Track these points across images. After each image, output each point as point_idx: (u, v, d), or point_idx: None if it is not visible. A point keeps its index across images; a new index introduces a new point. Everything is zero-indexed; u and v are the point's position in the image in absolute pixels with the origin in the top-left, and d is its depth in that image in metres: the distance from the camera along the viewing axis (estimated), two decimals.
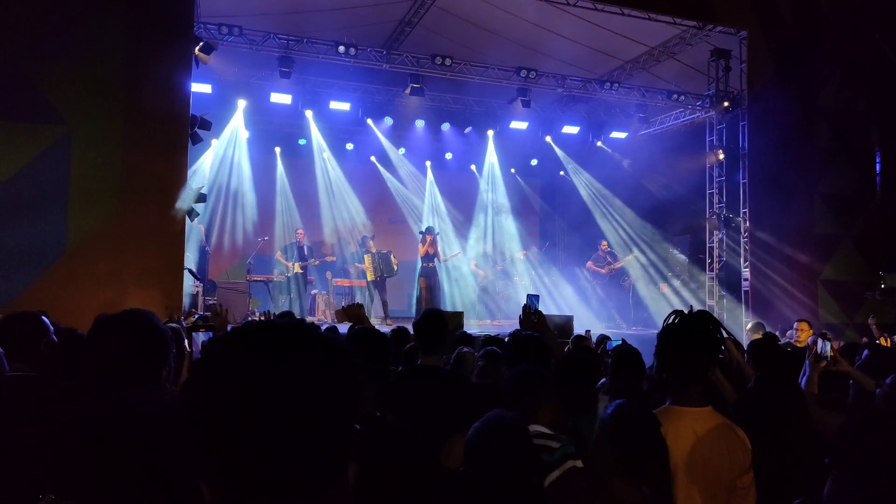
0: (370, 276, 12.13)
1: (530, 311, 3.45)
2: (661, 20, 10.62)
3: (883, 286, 11.86)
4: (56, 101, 7.82)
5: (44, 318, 3.01)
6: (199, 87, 10.11)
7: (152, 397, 1.64)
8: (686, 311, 2.26)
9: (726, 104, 11.76)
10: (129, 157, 8.07)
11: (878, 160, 12.36)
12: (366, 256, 12.23)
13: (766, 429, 2.64)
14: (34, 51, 7.78)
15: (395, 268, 12.20)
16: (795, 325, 8.07)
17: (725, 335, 2.29)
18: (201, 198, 9.44)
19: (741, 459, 2.19)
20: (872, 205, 12.13)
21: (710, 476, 2.14)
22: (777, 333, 8.31)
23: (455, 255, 13.51)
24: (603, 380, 4.01)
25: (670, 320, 2.24)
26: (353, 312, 3.51)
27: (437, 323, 3.32)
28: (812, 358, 3.24)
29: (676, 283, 13.33)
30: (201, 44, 9.23)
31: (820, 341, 3.25)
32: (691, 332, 2.18)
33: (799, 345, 6.80)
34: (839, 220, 11.77)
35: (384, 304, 12.03)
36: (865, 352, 3.98)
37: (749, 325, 8.68)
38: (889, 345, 7.05)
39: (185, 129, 8.59)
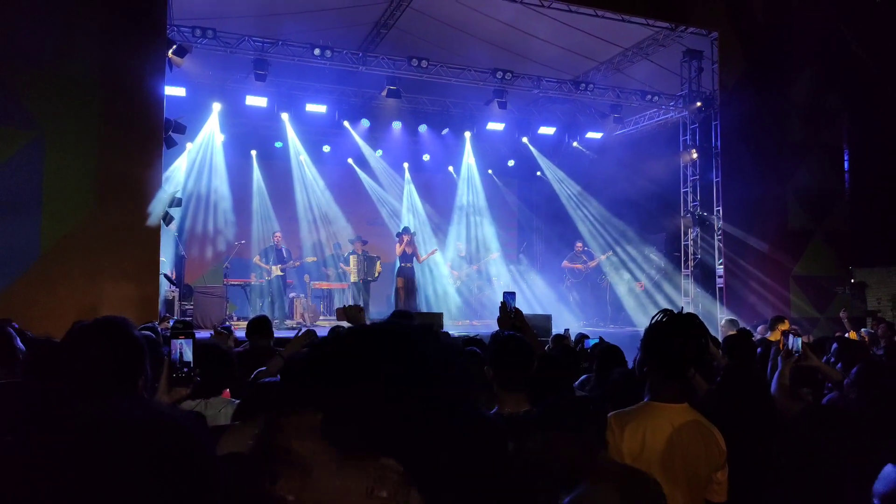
0: (353, 278, 12.09)
1: (507, 310, 3.48)
2: (634, 21, 10.76)
3: (853, 281, 12.14)
4: (29, 104, 7.71)
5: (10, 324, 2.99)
6: (174, 91, 10.02)
7: (129, 406, 1.62)
8: (674, 312, 2.31)
9: (699, 104, 11.95)
10: (103, 160, 7.98)
11: (846, 157, 12.65)
12: (351, 257, 12.17)
13: (733, 417, 2.73)
14: (7, 55, 7.65)
15: (378, 274, 12.19)
16: (770, 321, 8.24)
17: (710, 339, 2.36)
18: (177, 202, 9.36)
19: (716, 456, 2.26)
20: (842, 200, 12.41)
21: (687, 470, 2.19)
22: (751, 329, 8.50)
23: (432, 253, 13.50)
24: (584, 376, 4.07)
25: (658, 318, 2.29)
26: (352, 314, 3.54)
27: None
28: (784, 353, 3.34)
29: (652, 281, 13.50)
30: (175, 47, 9.15)
31: (791, 336, 3.35)
32: (677, 332, 2.23)
33: (772, 339, 6.94)
34: (810, 215, 12.02)
35: (365, 305, 12.01)
36: (834, 345, 4.11)
37: (723, 322, 8.83)
38: (857, 339, 7.23)
39: (160, 133, 8.50)
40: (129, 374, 1.71)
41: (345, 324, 3.59)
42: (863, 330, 9.01)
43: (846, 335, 7.61)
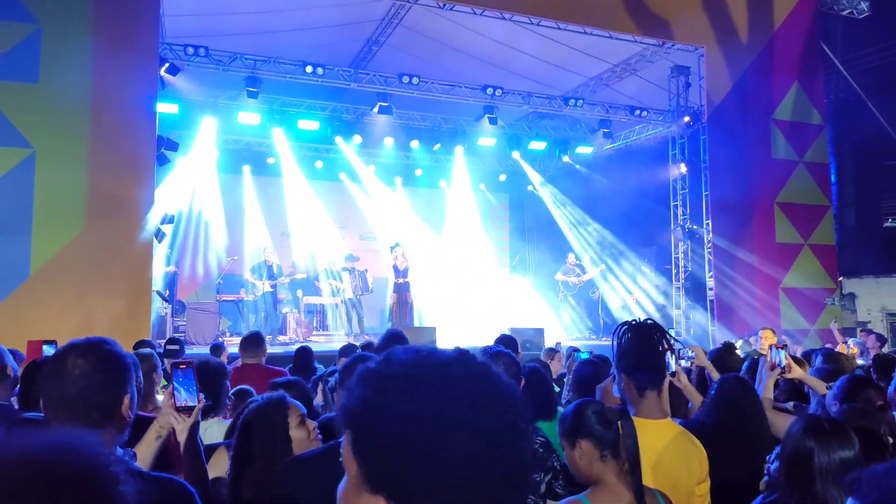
0: (349, 294, 12.20)
1: None
2: (621, 38, 10.90)
3: (842, 292, 12.24)
4: (20, 123, 7.72)
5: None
6: (166, 108, 10.05)
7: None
8: (634, 322, 2.32)
9: (687, 119, 12.09)
10: (95, 178, 7.99)
11: (832, 170, 12.80)
12: (344, 274, 12.31)
13: (726, 432, 2.76)
14: None
15: (371, 287, 12.36)
16: (759, 332, 8.33)
17: (675, 342, 2.38)
18: (169, 219, 9.38)
19: (698, 468, 2.27)
20: (829, 213, 12.54)
21: (670, 484, 2.20)
22: (750, 340, 8.57)
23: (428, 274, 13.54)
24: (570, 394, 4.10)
25: (620, 333, 2.30)
26: None
27: (398, 344, 3.40)
28: (768, 367, 3.37)
29: (643, 293, 13.57)
30: (167, 65, 9.22)
31: (773, 350, 3.38)
32: (640, 344, 2.26)
33: (764, 351, 6.99)
34: (798, 228, 12.14)
35: (360, 321, 12.09)
36: (819, 357, 4.15)
37: (739, 343, 8.88)
38: (846, 350, 7.29)
39: (152, 150, 8.54)
40: (112, 394, 1.69)
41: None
42: (851, 341, 9.08)
43: (836, 347, 7.68)
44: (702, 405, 3.33)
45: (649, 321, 2.32)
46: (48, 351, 3.34)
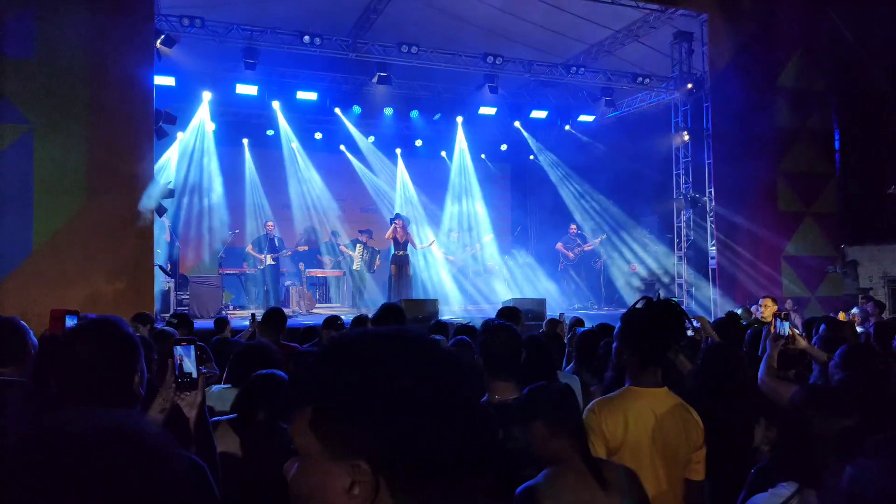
0: (357, 265, 12.29)
1: None
2: (624, 4, 10.72)
3: (845, 259, 12.24)
4: (16, 99, 7.67)
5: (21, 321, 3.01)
6: (163, 80, 9.95)
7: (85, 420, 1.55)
8: (653, 298, 2.37)
9: (690, 86, 11.95)
10: (94, 153, 7.96)
11: (836, 138, 12.68)
12: (357, 245, 12.40)
13: (712, 395, 2.81)
14: None
15: (376, 268, 12.51)
16: (760, 301, 8.36)
17: (691, 324, 2.42)
18: (169, 193, 9.36)
19: (695, 437, 2.33)
20: (832, 181, 12.47)
21: (667, 452, 2.27)
22: (751, 309, 8.62)
23: (431, 244, 13.59)
24: (571, 364, 4.14)
25: (637, 306, 2.35)
26: None
27: (394, 316, 3.44)
28: (772, 337, 3.38)
29: (644, 263, 13.58)
30: (163, 37, 9.10)
31: (777, 321, 3.39)
32: (655, 320, 2.29)
33: (765, 320, 7.03)
34: (801, 196, 12.07)
35: (360, 294, 12.20)
36: (822, 326, 4.17)
37: (740, 311, 8.94)
38: (846, 319, 7.32)
39: (150, 124, 8.49)
40: (122, 373, 1.72)
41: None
42: (854, 310, 9.11)
43: (837, 315, 7.71)
44: (688, 372, 3.37)
45: (666, 300, 2.36)
46: (70, 322, 3.38)
